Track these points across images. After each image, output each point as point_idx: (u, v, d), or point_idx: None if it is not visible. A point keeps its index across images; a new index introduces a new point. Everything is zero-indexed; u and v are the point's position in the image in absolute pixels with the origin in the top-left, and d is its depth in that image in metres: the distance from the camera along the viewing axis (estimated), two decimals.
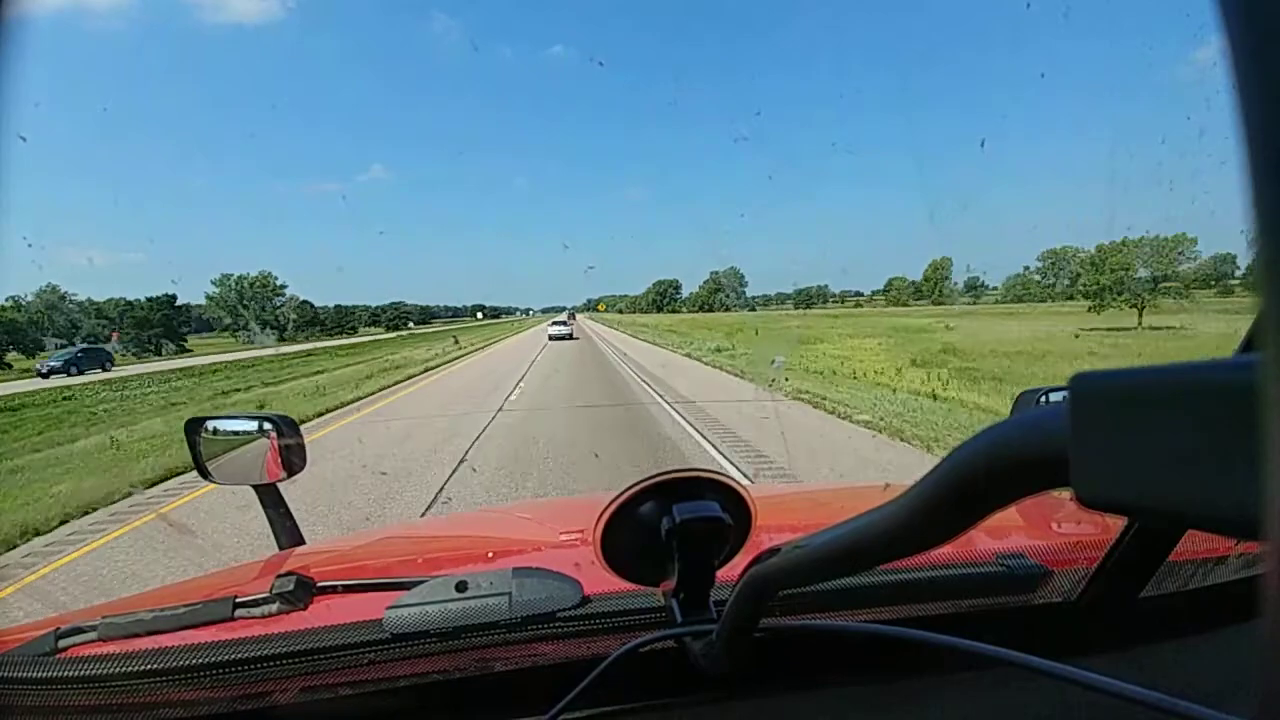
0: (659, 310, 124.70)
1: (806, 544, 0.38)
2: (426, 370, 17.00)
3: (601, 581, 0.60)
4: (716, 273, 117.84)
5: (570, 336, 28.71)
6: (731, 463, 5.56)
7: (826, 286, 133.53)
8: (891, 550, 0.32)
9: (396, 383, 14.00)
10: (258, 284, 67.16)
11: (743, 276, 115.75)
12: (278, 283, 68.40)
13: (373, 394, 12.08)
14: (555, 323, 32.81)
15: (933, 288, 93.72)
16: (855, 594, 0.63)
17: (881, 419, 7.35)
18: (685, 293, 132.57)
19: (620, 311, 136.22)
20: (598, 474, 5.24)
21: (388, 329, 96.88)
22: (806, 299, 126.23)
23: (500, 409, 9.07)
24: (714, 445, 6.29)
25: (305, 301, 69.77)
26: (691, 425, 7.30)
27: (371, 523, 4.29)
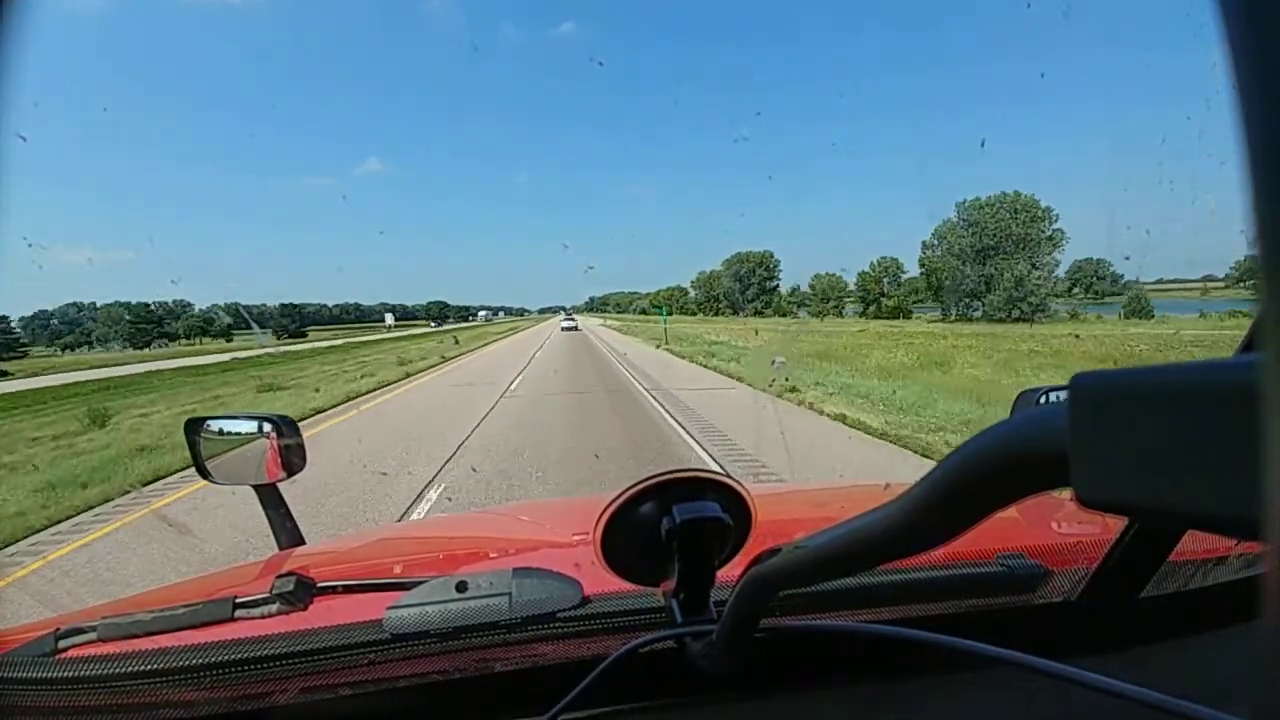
0: (734, 312, 70.40)
1: (806, 544, 0.38)
2: None
3: (601, 581, 0.60)
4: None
5: (575, 329, 37.19)
6: None
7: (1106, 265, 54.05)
8: (891, 550, 0.32)
9: None
10: None
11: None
12: None
13: None
14: (566, 319, 45.45)
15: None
16: (855, 594, 0.62)
17: None
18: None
19: (643, 313, 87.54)
20: None
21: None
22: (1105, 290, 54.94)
23: None
24: None
25: None
26: None
27: None
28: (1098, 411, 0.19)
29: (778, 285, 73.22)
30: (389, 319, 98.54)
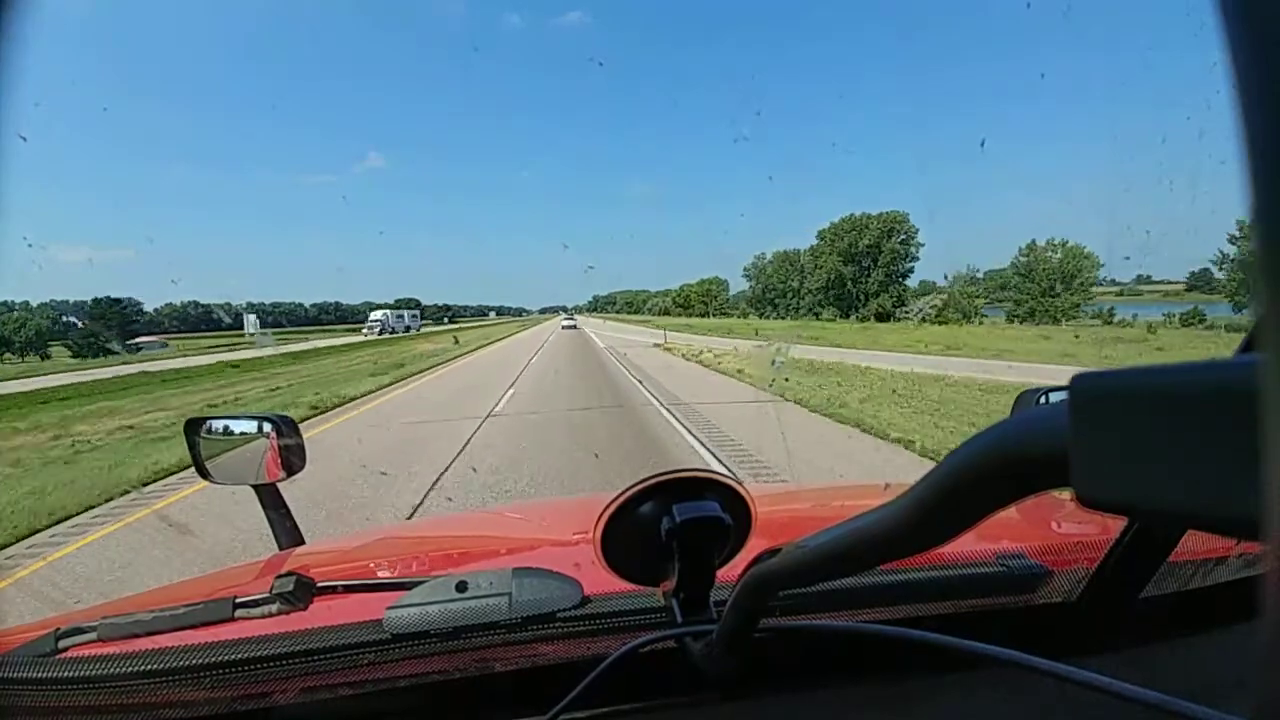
0: (843, 313, 43.38)
1: (806, 544, 0.38)
2: None
3: (601, 581, 0.60)
4: None
5: (574, 327, 37.98)
6: None
7: None
8: (891, 550, 0.32)
9: None
10: None
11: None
12: None
13: None
14: (566, 319, 45.10)
15: None
16: (855, 594, 0.62)
17: None
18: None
19: (666, 313, 74.59)
20: None
21: None
22: None
23: None
24: None
25: None
26: None
27: None
28: (1098, 412, 0.19)
29: (913, 268, 43.44)
30: (249, 323, 58.23)
